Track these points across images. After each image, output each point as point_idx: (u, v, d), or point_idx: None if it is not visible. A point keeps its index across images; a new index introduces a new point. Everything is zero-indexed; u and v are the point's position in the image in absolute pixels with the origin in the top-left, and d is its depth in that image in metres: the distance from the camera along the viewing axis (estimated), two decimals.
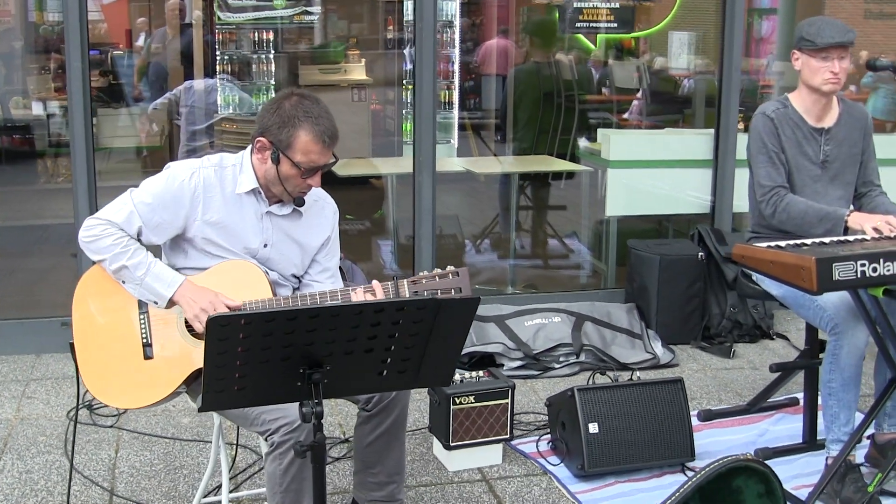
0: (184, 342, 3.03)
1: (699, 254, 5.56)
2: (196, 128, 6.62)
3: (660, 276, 5.50)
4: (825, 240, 3.62)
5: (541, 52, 7.33)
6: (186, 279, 3.05)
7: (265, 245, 3.14)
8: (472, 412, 3.96)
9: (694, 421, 4.15)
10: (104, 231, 3.03)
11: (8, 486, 3.79)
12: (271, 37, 6.60)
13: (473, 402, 3.95)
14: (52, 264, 6.43)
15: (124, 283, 3.05)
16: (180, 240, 3.12)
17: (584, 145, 6.96)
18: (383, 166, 7.09)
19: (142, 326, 3.03)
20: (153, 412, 4.43)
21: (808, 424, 4.19)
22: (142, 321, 3.04)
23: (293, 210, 3.18)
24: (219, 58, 6.57)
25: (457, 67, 7.34)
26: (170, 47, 7.28)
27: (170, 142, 7.18)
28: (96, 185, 5.11)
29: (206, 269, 3.10)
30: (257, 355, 2.36)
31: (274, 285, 3.12)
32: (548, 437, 4.21)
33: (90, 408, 4.44)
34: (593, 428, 3.88)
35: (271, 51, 6.66)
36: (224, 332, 2.30)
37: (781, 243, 3.55)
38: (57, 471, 3.92)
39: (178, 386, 3.02)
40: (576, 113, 7.23)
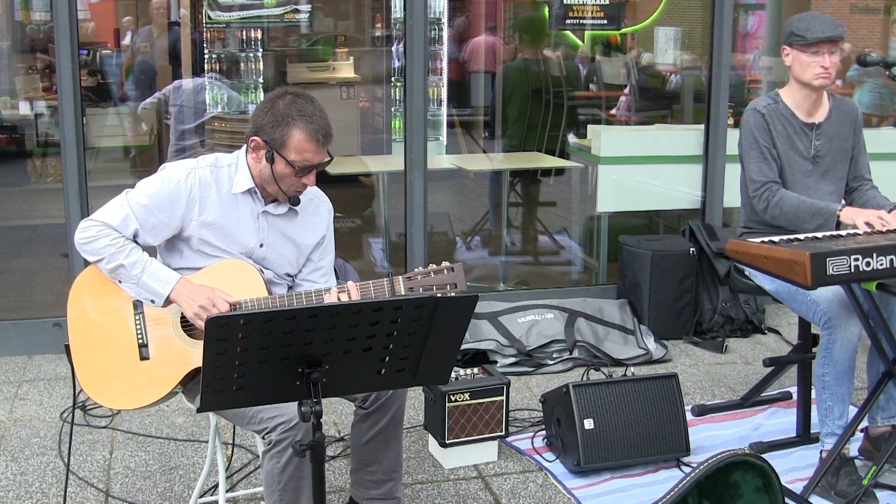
0: (180, 342, 3.02)
1: (690, 249, 5.58)
2: (185, 127, 6.60)
3: (652, 271, 5.51)
4: (818, 234, 3.64)
5: (530, 48, 7.33)
6: (183, 277, 3.04)
7: (261, 245, 3.14)
8: (467, 409, 3.96)
9: (688, 416, 4.16)
10: (100, 232, 3.02)
11: (2, 489, 3.78)
12: (259, 35, 6.58)
13: (469, 399, 3.95)
14: (43, 265, 6.42)
15: (121, 283, 3.04)
16: (176, 240, 3.12)
17: (574, 142, 6.96)
18: (373, 164, 7.08)
19: (137, 327, 3.03)
20: (147, 412, 4.42)
21: (802, 418, 4.21)
22: (137, 322, 3.03)
23: (289, 209, 3.17)
24: (206, 56, 6.55)
25: (445, 64, 7.35)
26: (155, 46, 7.26)
27: (159, 141, 7.16)
28: (87, 185, 5.08)
29: (201, 268, 3.09)
30: (256, 355, 2.36)
31: (269, 284, 3.12)
32: (543, 433, 4.22)
33: (84, 409, 4.43)
34: (589, 424, 3.89)
35: (259, 49, 6.65)
36: (223, 331, 2.29)
37: (775, 238, 3.56)
38: (52, 472, 3.91)
39: (175, 386, 3.02)
40: (564, 109, 7.25)
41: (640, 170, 6.15)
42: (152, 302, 3.03)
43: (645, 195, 6.18)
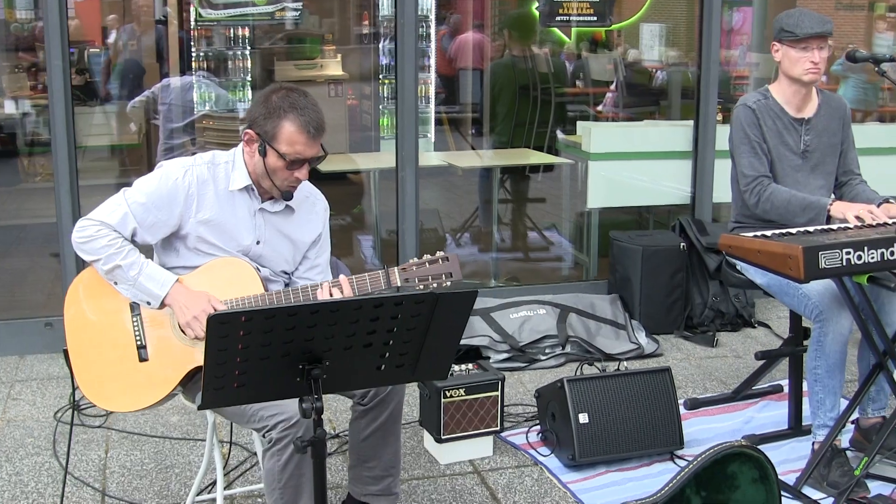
0: (178, 342, 3.02)
1: (681, 244, 5.61)
2: (174, 126, 6.59)
3: (642, 266, 5.54)
4: (809, 228, 3.67)
5: (518, 45, 7.35)
6: (179, 280, 3.04)
7: (258, 242, 3.15)
8: (462, 405, 3.98)
9: (680, 409, 4.19)
10: (98, 232, 3.02)
11: None
12: (247, 33, 6.58)
13: (464, 395, 3.97)
14: (32, 265, 6.40)
15: (117, 285, 3.04)
16: (173, 238, 3.12)
17: (564, 138, 6.99)
18: (362, 161, 7.09)
19: (135, 328, 3.03)
20: (141, 411, 4.41)
21: (794, 410, 4.24)
22: (135, 323, 3.03)
23: (285, 206, 3.18)
24: (194, 54, 6.54)
25: (433, 62, 7.36)
26: (139, 45, 7.25)
27: (148, 140, 7.15)
28: (78, 183, 5.07)
29: (197, 267, 3.09)
30: (257, 352, 2.37)
31: (265, 282, 3.13)
32: (537, 428, 4.24)
33: (78, 408, 4.43)
34: (583, 418, 3.92)
35: (247, 47, 6.64)
36: (224, 329, 2.30)
37: (767, 232, 3.59)
38: (47, 472, 3.91)
39: (175, 387, 3.02)
40: (552, 106, 7.27)
41: (631, 166, 6.18)
42: (148, 304, 3.04)
43: (635, 191, 6.22)
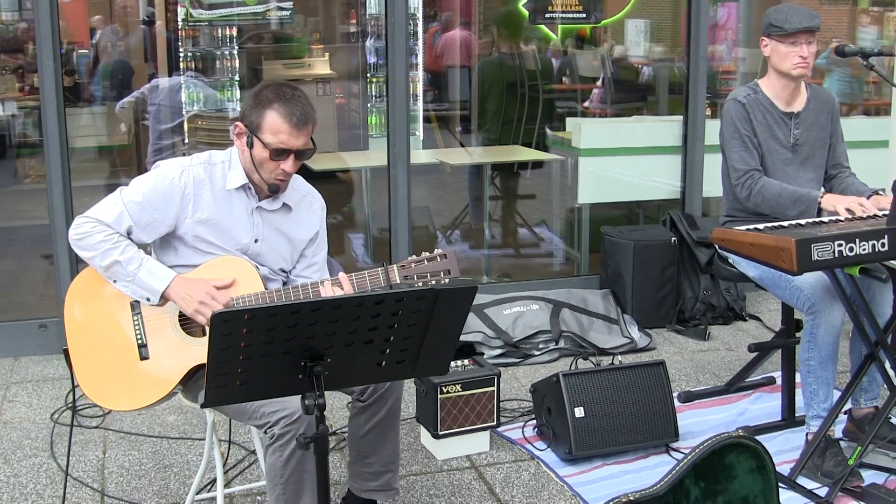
0: (179, 340, 3.04)
1: (672, 239, 5.65)
2: (164, 126, 6.60)
3: (634, 261, 5.58)
4: (801, 221, 3.71)
5: (507, 42, 7.38)
6: (178, 275, 3.06)
7: (256, 240, 3.17)
8: (459, 401, 4.00)
9: (675, 402, 4.22)
10: (94, 229, 3.04)
11: None
12: (234, 32, 6.58)
13: (460, 390, 4.00)
14: (24, 266, 6.39)
15: (115, 282, 3.05)
16: (170, 237, 3.14)
17: (553, 134, 7.02)
18: (352, 160, 7.11)
19: (136, 327, 3.04)
20: (138, 411, 4.42)
21: (787, 402, 4.28)
22: (136, 322, 3.05)
23: (283, 205, 3.20)
24: (181, 55, 6.54)
25: (420, 59, 7.38)
26: (121, 45, 7.25)
27: (137, 140, 7.14)
28: (71, 184, 5.08)
29: (197, 265, 3.11)
30: (259, 349, 2.39)
31: (264, 280, 3.15)
32: (533, 422, 4.27)
33: (75, 409, 4.43)
34: (579, 412, 3.94)
35: (235, 47, 6.65)
36: (227, 327, 2.32)
37: (760, 226, 3.63)
38: (45, 473, 3.92)
39: (176, 385, 3.03)
40: (539, 103, 7.31)
41: (621, 161, 6.21)
42: (148, 300, 3.05)
43: (625, 186, 6.25)
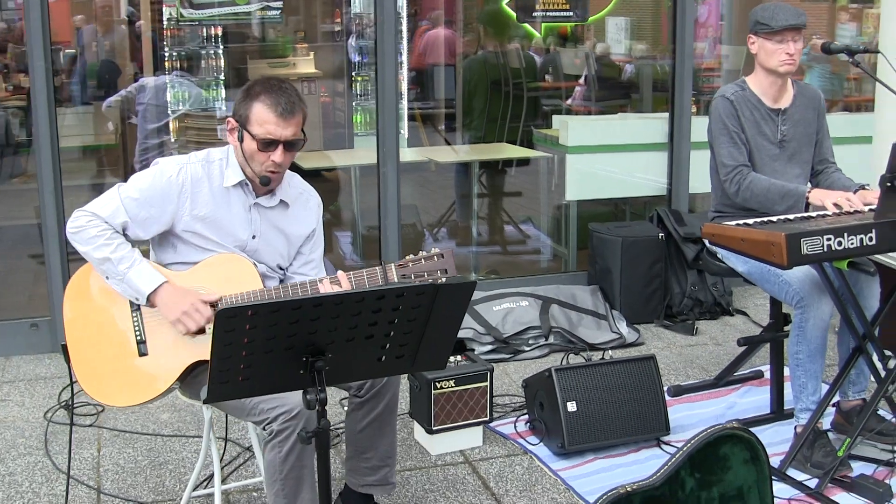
0: (178, 337, 3.05)
1: (659, 235, 5.70)
2: (151, 126, 6.60)
3: (622, 257, 5.62)
4: (790, 216, 3.76)
5: (493, 41, 7.42)
6: (168, 281, 3.06)
7: (253, 237, 3.19)
8: (452, 396, 4.04)
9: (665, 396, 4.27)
10: (89, 223, 3.06)
11: None
12: (220, 32, 6.59)
13: (454, 386, 4.03)
14: (13, 266, 6.38)
15: (108, 279, 3.07)
16: (168, 235, 3.16)
17: (541, 132, 7.06)
18: (340, 158, 7.13)
19: (135, 324, 3.06)
20: (131, 409, 4.44)
21: (775, 395, 4.33)
22: (135, 318, 3.06)
23: (280, 202, 3.23)
24: (167, 54, 6.55)
25: (405, 58, 7.40)
26: (102, 45, 7.25)
27: (124, 140, 7.14)
28: (62, 184, 5.08)
29: (196, 262, 3.13)
30: (262, 345, 2.41)
31: (262, 277, 3.17)
32: (525, 417, 4.31)
33: (67, 408, 4.45)
34: (571, 406, 3.98)
35: (219, 46, 6.65)
36: (231, 323, 2.34)
37: (749, 221, 3.68)
38: (40, 472, 3.93)
39: (174, 382, 3.05)
40: (524, 101, 7.35)
41: (608, 158, 6.26)
42: (136, 300, 3.06)
43: (613, 183, 6.30)
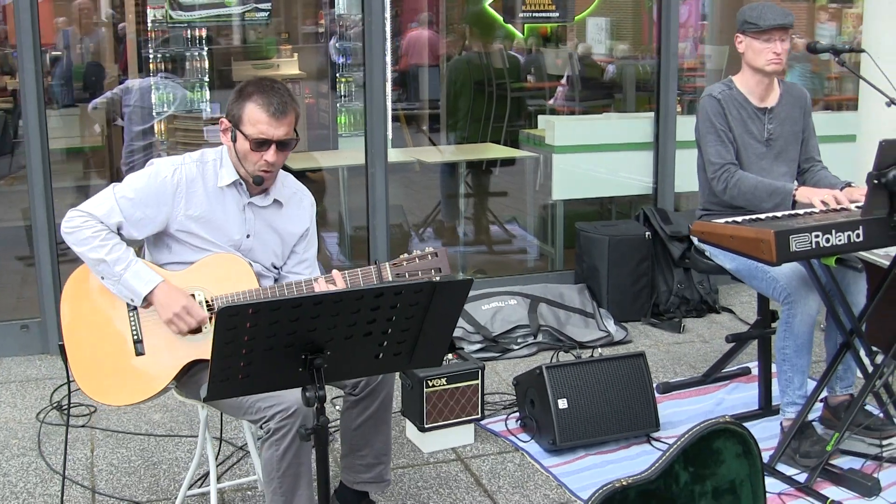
0: (174, 337, 3.07)
1: (646, 233, 5.74)
2: (138, 128, 6.60)
3: (609, 256, 5.66)
4: (777, 214, 3.80)
5: (480, 42, 7.46)
6: (164, 280, 3.08)
7: (248, 236, 3.21)
8: (444, 394, 4.06)
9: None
10: (84, 223, 3.07)
11: None
12: (204, 34, 6.60)
13: (445, 384, 4.06)
14: (0, 268, 6.37)
15: (103, 279, 3.08)
16: (163, 235, 3.17)
17: (527, 132, 7.10)
18: (327, 159, 7.14)
19: (132, 323, 3.07)
20: (123, 410, 4.45)
21: (763, 391, 4.38)
22: (132, 318, 3.08)
23: (274, 201, 3.25)
24: (151, 56, 6.55)
25: (388, 59, 7.42)
26: (86, 46, 7.24)
27: (109, 142, 7.13)
28: (52, 186, 5.08)
29: (191, 262, 3.15)
30: (262, 343, 2.43)
31: (258, 277, 3.19)
32: (516, 415, 4.34)
33: (60, 408, 4.45)
34: (563, 404, 4.02)
35: (204, 47, 6.66)
36: (232, 321, 2.36)
37: (738, 218, 3.72)
38: (34, 472, 3.93)
39: (171, 381, 3.07)
40: (507, 101, 7.39)
41: (594, 158, 6.30)
42: (132, 301, 3.08)
43: (599, 182, 6.35)
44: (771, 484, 3.72)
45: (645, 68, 7.36)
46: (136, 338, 3.06)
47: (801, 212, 3.82)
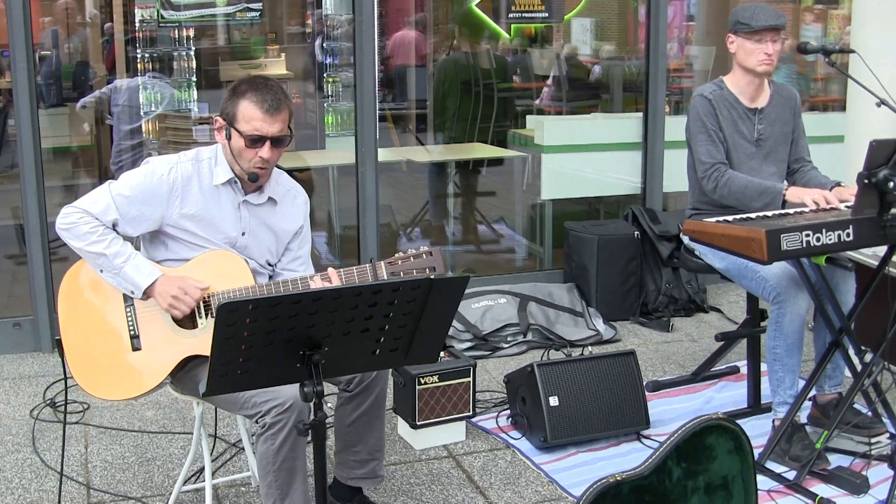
0: (171, 332, 3.08)
1: (635, 233, 5.78)
2: (127, 127, 6.60)
3: (598, 255, 5.70)
4: (768, 213, 3.84)
5: (468, 42, 7.48)
6: (164, 274, 3.10)
7: (243, 233, 3.23)
8: (436, 391, 4.08)
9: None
10: (81, 219, 3.08)
11: None
12: (192, 33, 6.60)
13: (437, 381, 4.08)
14: None
15: (102, 273, 3.09)
16: (159, 233, 3.19)
17: (515, 132, 7.14)
18: (315, 158, 7.16)
19: (129, 319, 3.09)
20: (116, 407, 4.46)
21: (752, 390, 4.41)
22: (128, 313, 3.09)
23: (268, 199, 3.27)
24: (139, 56, 6.55)
25: (375, 59, 7.44)
26: (75, 45, 7.24)
27: (98, 142, 7.13)
28: (44, 184, 5.08)
29: (187, 259, 3.16)
30: (261, 339, 2.45)
31: (254, 274, 3.20)
32: (507, 412, 4.36)
33: (54, 405, 4.45)
34: (554, 401, 4.04)
35: (191, 47, 6.66)
36: (232, 317, 2.38)
37: (729, 218, 3.75)
38: (29, 468, 3.93)
39: (167, 376, 3.08)
40: (494, 101, 7.42)
41: (583, 158, 6.33)
42: (132, 293, 3.09)
43: (588, 182, 6.38)
44: (760, 481, 3.72)
45: (631, 69, 7.41)
46: (132, 333, 3.08)
47: (791, 211, 3.86)
